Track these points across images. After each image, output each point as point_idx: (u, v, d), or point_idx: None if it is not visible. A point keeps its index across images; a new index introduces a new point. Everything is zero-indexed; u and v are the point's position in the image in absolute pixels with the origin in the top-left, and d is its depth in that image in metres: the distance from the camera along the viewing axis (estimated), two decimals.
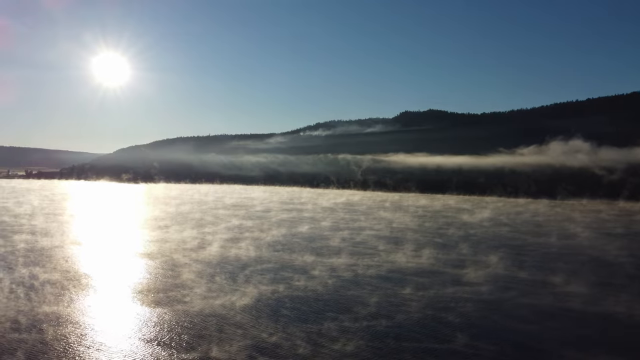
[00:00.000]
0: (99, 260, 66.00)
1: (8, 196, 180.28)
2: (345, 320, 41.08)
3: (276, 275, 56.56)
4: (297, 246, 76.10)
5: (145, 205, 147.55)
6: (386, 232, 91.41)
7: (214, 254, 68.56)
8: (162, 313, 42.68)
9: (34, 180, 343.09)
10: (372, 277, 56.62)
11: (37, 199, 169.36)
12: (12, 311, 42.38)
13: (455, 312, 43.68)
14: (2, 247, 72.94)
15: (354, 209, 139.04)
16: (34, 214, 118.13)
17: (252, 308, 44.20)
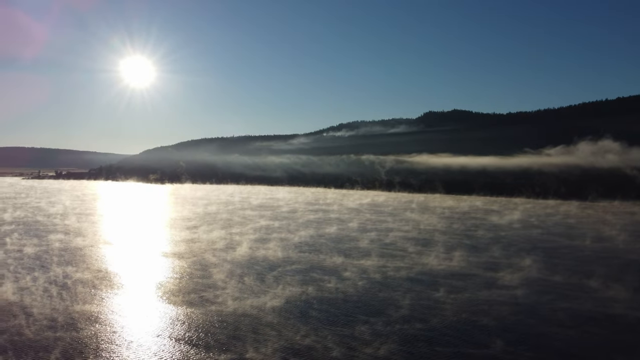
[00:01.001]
0: (130, 260, 66.88)
1: (41, 196, 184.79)
2: (377, 323, 40.60)
3: (305, 277, 56.39)
4: (325, 247, 75.83)
5: (173, 206, 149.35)
6: (414, 234, 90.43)
7: (244, 255, 68.81)
8: (192, 313, 42.90)
9: (64, 180, 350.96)
10: (402, 279, 55.96)
11: (68, 199, 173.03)
12: (47, 309, 43.22)
13: (490, 316, 42.77)
14: (37, 246, 74.60)
15: (379, 209, 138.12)
16: (66, 214, 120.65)
17: (283, 309, 44.11)
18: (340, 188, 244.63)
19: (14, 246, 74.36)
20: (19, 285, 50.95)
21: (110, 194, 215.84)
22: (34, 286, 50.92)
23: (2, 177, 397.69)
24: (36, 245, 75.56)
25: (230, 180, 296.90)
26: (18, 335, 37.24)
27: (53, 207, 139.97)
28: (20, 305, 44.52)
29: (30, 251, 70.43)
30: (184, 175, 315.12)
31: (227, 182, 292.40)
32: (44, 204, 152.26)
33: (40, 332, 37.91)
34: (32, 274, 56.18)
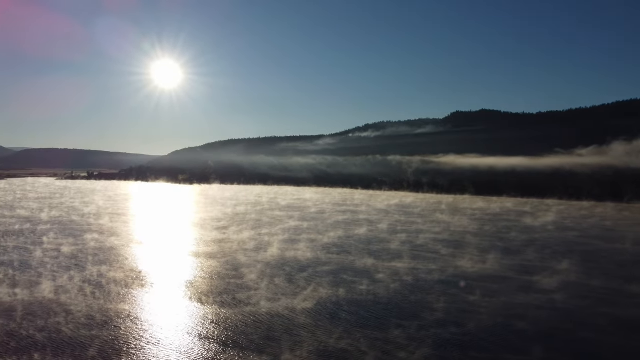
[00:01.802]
0: (162, 260, 67.87)
1: (75, 196, 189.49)
2: (410, 327, 40.11)
3: (336, 278, 56.20)
4: (354, 249, 75.53)
5: (203, 206, 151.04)
6: (445, 235, 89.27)
7: (274, 255, 69.10)
8: (224, 313, 43.18)
9: (96, 181, 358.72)
10: (435, 281, 55.28)
11: (101, 199, 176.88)
12: (82, 307, 44.17)
13: (527, 320, 41.83)
14: (73, 245, 76.43)
15: (408, 211, 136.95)
16: (100, 214, 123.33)
17: (314, 311, 44.01)
18: (367, 189, 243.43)
19: (51, 245, 76.36)
20: (56, 284, 52.22)
21: (141, 194, 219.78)
22: (70, 285, 52.14)
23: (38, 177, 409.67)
24: (72, 244, 77.42)
25: (256, 181, 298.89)
26: (56, 332, 38.17)
27: (87, 207, 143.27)
28: (57, 303, 45.65)
29: (66, 250, 72.20)
30: (213, 175, 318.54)
31: (254, 183, 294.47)
32: (78, 204, 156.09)
33: (76, 330, 38.74)
34: (69, 273, 57.55)
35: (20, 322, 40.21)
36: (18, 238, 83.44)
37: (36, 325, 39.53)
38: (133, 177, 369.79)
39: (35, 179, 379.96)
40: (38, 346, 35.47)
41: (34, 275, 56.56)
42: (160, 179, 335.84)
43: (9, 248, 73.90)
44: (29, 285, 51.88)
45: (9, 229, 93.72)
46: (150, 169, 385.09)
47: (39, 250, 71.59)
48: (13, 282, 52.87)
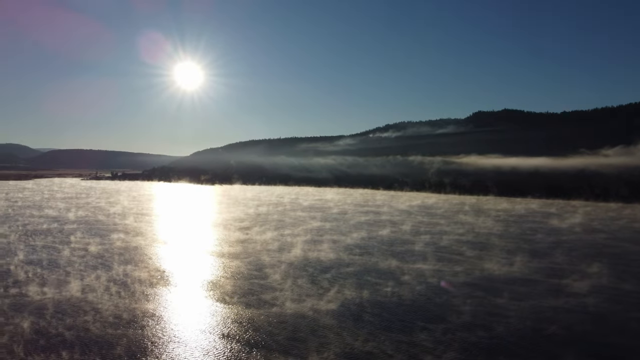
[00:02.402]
0: (187, 260, 68.31)
1: (100, 196, 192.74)
2: (437, 330, 39.55)
3: (360, 280, 55.82)
4: (378, 250, 74.99)
5: (225, 206, 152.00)
6: (470, 237, 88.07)
7: (297, 256, 69.03)
8: (249, 313, 43.20)
9: (119, 181, 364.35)
10: (461, 284, 54.50)
11: (126, 199, 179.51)
12: (109, 306, 44.71)
13: (557, 324, 40.90)
14: (100, 245, 77.60)
15: (431, 212, 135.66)
16: (125, 214, 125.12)
17: (339, 313, 43.73)
18: (388, 189, 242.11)
19: (78, 244, 77.65)
20: (83, 283, 53.00)
21: (164, 194, 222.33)
22: (97, 284, 52.86)
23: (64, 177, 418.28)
24: (98, 243, 78.62)
25: (277, 182, 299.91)
26: (84, 331, 38.68)
27: (112, 207, 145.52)
28: (84, 301, 46.30)
29: (93, 249, 73.31)
30: (235, 175, 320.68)
31: (275, 183, 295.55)
32: (103, 203, 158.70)
33: (103, 329, 39.24)
34: (95, 272, 58.38)
35: (50, 320, 40.88)
36: (46, 237, 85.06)
37: (64, 323, 40.12)
38: (156, 177, 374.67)
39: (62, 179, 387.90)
40: (66, 344, 36.00)
41: (62, 274, 57.51)
42: (183, 180, 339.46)
43: (38, 247, 75.34)
44: (57, 284, 52.77)
45: (37, 229, 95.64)
46: (172, 170, 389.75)
47: (66, 250, 72.85)
48: (42, 281, 53.83)
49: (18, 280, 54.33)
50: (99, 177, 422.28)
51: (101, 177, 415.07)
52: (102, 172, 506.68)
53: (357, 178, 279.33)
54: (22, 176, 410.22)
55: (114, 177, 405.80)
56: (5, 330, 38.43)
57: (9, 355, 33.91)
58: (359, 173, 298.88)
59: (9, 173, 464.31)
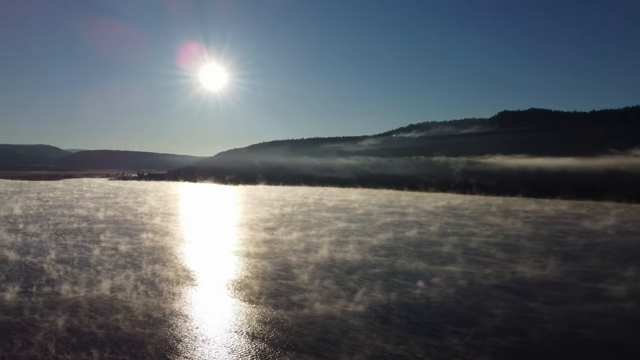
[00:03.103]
0: (214, 260, 68.71)
1: (128, 196, 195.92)
2: (468, 334, 38.76)
3: (387, 282, 55.21)
4: (405, 251, 74.15)
5: (250, 207, 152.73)
6: (499, 239, 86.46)
7: (324, 257, 68.74)
8: (277, 314, 43.10)
9: (145, 181, 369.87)
10: (492, 287, 53.43)
11: (153, 199, 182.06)
12: (138, 305, 45.19)
13: (594, 329, 39.76)
14: (129, 244, 78.66)
15: (457, 213, 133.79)
16: (152, 214, 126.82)
17: (366, 315, 43.27)
18: (412, 190, 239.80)
19: (107, 244, 78.87)
20: (113, 282, 53.68)
21: (190, 194, 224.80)
22: (126, 283, 53.49)
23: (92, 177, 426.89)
24: (127, 243, 79.73)
25: (301, 182, 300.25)
26: (114, 329, 39.14)
27: (140, 207, 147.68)
28: (115, 300, 46.92)
29: (122, 249, 74.35)
30: (259, 176, 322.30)
31: (299, 184, 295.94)
32: (131, 203, 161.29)
33: (131, 327, 39.68)
34: (125, 271, 59.11)
35: (81, 318, 41.48)
36: (76, 236, 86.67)
37: (95, 322, 40.65)
38: (181, 177, 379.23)
39: (90, 179, 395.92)
40: (97, 342, 36.48)
41: (93, 273, 58.40)
42: (208, 180, 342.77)
43: (69, 246, 76.77)
44: (88, 282, 53.60)
45: (67, 228, 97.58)
46: (197, 170, 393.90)
47: (97, 249, 74.04)
48: (74, 280, 54.74)
49: (51, 278, 55.40)
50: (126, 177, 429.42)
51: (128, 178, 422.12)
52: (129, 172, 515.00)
53: (380, 178, 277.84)
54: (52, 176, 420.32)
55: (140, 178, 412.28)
56: (40, 327, 39.13)
57: (42, 352, 34.46)
58: (382, 173, 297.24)
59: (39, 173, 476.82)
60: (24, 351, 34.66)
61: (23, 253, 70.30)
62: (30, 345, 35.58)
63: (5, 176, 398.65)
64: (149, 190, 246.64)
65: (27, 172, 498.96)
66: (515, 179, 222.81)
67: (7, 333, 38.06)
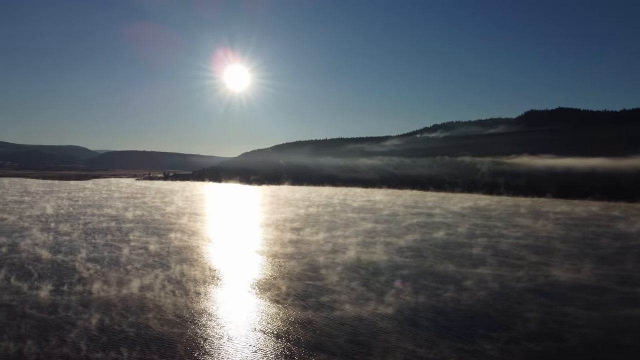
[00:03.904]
0: (242, 260, 68.86)
1: (155, 196, 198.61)
2: (500, 338, 37.81)
3: (416, 284, 54.41)
4: (433, 253, 73.17)
5: (276, 207, 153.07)
6: (529, 241, 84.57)
7: (351, 258, 68.26)
8: (306, 315, 42.83)
9: (171, 181, 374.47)
10: (524, 290, 52.18)
11: (180, 199, 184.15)
12: (167, 304, 45.50)
13: (633, 336, 38.38)
14: (157, 244, 79.55)
15: (485, 214, 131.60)
16: (180, 213, 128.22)
17: (395, 318, 42.64)
18: (437, 190, 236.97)
19: (136, 243, 79.93)
20: (142, 282, 54.23)
21: (216, 194, 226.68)
22: (156, 282, 54.01)
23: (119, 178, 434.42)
24: (156, 242, 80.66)
25: (325, 182, 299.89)
26: (145, 328, 39.50)
27: (168, 206, 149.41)
28: (145, 299, 47.41)
29: (151, 248, 75.22)
30: (284, 175, 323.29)
31: (323, 184, 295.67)
32: (158, 203, 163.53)
33: (161, 326, 39.99)
34: (154, 271, 59.71)
35: (112, 316, 41.97)
36: (105, 235, 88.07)
37: (126, 320, 41.09)
38: (206, 177, 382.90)
39: (117, 179, 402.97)
40: (128, 340, 36.86)
41: (122, 272, 59.16)
42: (233, 180, 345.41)
43: (99, 245, 78.03)
44: (118, 281, 54.29)
45: (97, 227, 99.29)
46: (221, 170, 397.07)
47: (126, 248, 75.06)
48: (104, 279, 55.53)
49: (82, 277, 56.31)
50: (152, 177, 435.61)
51: (154, 178, 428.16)
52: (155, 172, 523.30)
53: (404, 179, 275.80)
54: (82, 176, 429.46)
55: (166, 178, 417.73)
56: (73, 325, 39.71)
57: (74, 350, 34.90)
58: (406, 174, 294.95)
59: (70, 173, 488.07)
60: (57, 349, 35.16)
61: (55, 252, 71.74)
62: (63, 343, 36.09)
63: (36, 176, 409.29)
64: (175, 190, 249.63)
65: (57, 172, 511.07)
66: (543, 179, 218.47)
67: (42, 330, 38.71)
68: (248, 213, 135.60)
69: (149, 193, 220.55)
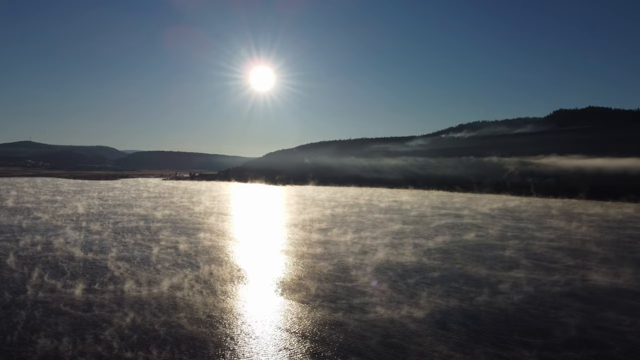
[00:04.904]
0: (271, 260, 68.75)
1: (183, 196, 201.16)
2: (537, 344, 36.62)
3: (447, 287, 53.29)
4: (463, 255, 71.79)
5: (302, 207, 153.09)
6: (564, 243, 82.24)
7: (380, 259, 67.47)
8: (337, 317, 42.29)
9: (197, 181, 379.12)
10: (561, 294, 50.57)
11: (207, 199, 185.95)
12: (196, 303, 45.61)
13: None
14: (186, 243, 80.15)
15: (515, 215, 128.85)
16: (208, 213, 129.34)
17: (428, 322, 41.73)
18: (464, 191, 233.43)
19: (166, 243, 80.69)
20: (172, 281, 54.59)
21: (242, 194, 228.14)
22: (185, 282, 54.30)
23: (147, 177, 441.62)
24: (185, 242, 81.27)
25: (350, 183, 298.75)
26: (177, 327, 39.63)
27: (195, 206, 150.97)
28: (176, 298, 47.63)
29: (180, 248, 75.82)
30: (310, 175, 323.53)
31: (348, 184, 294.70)
32: (186, 202, 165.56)
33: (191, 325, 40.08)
34: (183, 271, 60.09)
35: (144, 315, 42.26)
36: (135, 235, 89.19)
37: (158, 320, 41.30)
38: (231, 178, 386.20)
39: (145, 179, 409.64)
40: (158, 339, 37.05)
41: (152, 271, 59.68)
42: (258, 180, 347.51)
43: (129, 244, 79.03)
44: (149, 281, 54.77)
45: (127, 226, 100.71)
46: (246, 170, 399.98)
47: (156, 247, 75.83)
48: (135, 278, 56.08)
49: (114, 276, 56.99)
50: (179, 177, 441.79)
51: (180, 177, 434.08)
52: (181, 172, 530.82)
53: (428, 179, 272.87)
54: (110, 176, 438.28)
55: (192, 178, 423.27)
56: (110, 323, 40.10)
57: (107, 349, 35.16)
58: (430, 174, 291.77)
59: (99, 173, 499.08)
60: (91, 347, 35.48)
61: (87, 250, 72.95)
62: (98, 341, 36.42)
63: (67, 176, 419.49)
64: (202, 190, 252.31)
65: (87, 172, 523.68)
66: (574, 180, 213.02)
67: (78, 327, 39.18)
68: (275, 213, 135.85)
69: (176, 193, 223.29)
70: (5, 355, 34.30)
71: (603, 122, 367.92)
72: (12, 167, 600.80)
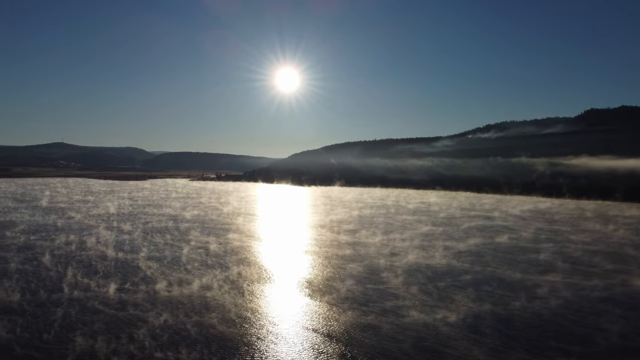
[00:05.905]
0: (300, 262, 68.62)
1: (211, 196, 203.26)
2: (575, 351, 35.40)
3: (479, 291, 52.07)
4: (495, 258, 70.25)
5: (330, 208, 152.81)
6: (601, 247, 79.77)
7: (410, 262, 66.58)
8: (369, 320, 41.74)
9: (224, 182, 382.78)
10: (600, 299, 48.91)
11: (234, 199, 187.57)
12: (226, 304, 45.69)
13: None
14: (215, 244, 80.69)
15: (547, 217, 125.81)
16: (236, 214, 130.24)
17: (462, 327, 40.82)
18: (492, 192, 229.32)
19: (195, 243, 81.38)
20: (201, 282, 54.84)
21: (268, 195, 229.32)
22: (215, 283, 54.56)
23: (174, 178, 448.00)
24: (214, 242, 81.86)
25: (377, 184, 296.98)
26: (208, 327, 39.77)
27: (224, 207, 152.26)
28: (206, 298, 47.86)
29: (210, 248, 76.34)
30: (336, 176, 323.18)
31: (375, 185, 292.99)
32: (214, 203, 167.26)
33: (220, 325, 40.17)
34: (212, 271, 60.45)
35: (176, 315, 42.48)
36: (164, 235, 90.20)
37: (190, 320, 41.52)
38: (257, 178, 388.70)
39: (173, 180, 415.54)
40: (189, 339, 37.25)
41: (183, 271, 60.14)
42: (284, 181, 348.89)
43: (160, 244, 79.92)
44: (179, 281, 55.17)
45: (157, 226, 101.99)
46: (272, 171, 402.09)
47: (185, 248, 76.52)
48: (166, 277, 56.58)
49: (147, 275, 57.63)
50: (205, 178, 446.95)
51: (207, 178, 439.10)
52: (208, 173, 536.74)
53: (455, 180, 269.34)
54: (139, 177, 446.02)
55: (218, 178, 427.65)
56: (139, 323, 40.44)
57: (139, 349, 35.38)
58: (457, 175, 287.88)
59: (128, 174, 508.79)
60: (124, 346, 35.80)
61: (118, 250, 74.06)
62: (132, 340, 36.73)
63: (98, 176, 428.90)
64: (229, 190, 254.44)
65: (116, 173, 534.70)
66: (606, 181, 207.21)
67: (113, 326, 39.62)
68: (302, 214, 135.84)
69: (204, 193, 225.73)
70: (45, 353, 34.89)
71: (636, 122, 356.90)
72: (46, 168, 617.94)
